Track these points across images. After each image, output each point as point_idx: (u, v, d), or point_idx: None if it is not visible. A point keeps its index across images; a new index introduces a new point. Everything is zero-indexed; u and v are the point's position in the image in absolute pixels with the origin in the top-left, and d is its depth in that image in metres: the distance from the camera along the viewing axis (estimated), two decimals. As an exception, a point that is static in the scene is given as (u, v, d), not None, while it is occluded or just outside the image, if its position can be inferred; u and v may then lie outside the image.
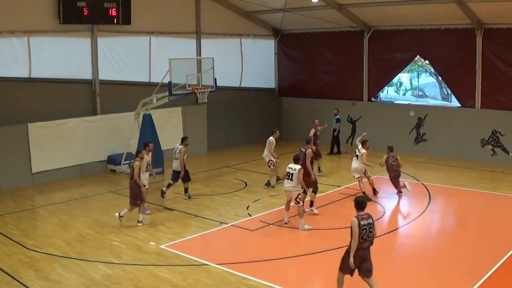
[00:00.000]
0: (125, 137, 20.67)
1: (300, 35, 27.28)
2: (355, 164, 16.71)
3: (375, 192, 16.91)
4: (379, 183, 19.15)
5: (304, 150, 15.13)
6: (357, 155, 16.66)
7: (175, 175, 16.73)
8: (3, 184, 18.20)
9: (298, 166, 13.84)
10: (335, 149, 24.26)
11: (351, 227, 9.37)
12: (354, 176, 16.78)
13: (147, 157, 15.15)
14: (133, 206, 14.39)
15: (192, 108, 23.42)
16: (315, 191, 15.32)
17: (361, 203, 9.55)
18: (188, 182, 16.86)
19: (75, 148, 19.98)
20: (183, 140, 16.96)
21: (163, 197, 16.69)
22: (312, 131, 19.78)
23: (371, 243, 9.50)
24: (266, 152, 18.29)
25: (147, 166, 15.16)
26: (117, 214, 14.47)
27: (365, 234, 9.35)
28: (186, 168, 16.61)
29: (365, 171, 16.61)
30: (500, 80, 21.21)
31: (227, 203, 16.53)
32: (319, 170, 19.39)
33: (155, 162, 19.96)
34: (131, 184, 14.31)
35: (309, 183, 14.87)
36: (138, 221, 14.35)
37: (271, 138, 18.26)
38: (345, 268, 9.57)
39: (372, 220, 9.49)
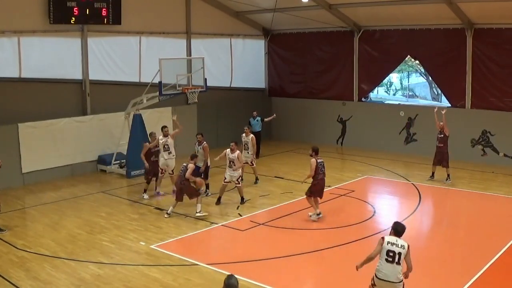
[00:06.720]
0: (116, 137, 20.62)
1: (290, 35, 27.29)
2: None
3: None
4: (369, 183, 19.21)
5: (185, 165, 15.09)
6: None
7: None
8: (-8, 184, 18.10)
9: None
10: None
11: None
12: None
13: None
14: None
15: (182, 108, 23.37)
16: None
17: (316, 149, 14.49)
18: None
19: (66, 148, 19.89)
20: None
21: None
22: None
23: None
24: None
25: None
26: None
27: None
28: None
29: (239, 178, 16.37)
30: (490, 80, 21.25)
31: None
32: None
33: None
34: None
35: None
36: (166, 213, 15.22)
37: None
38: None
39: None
